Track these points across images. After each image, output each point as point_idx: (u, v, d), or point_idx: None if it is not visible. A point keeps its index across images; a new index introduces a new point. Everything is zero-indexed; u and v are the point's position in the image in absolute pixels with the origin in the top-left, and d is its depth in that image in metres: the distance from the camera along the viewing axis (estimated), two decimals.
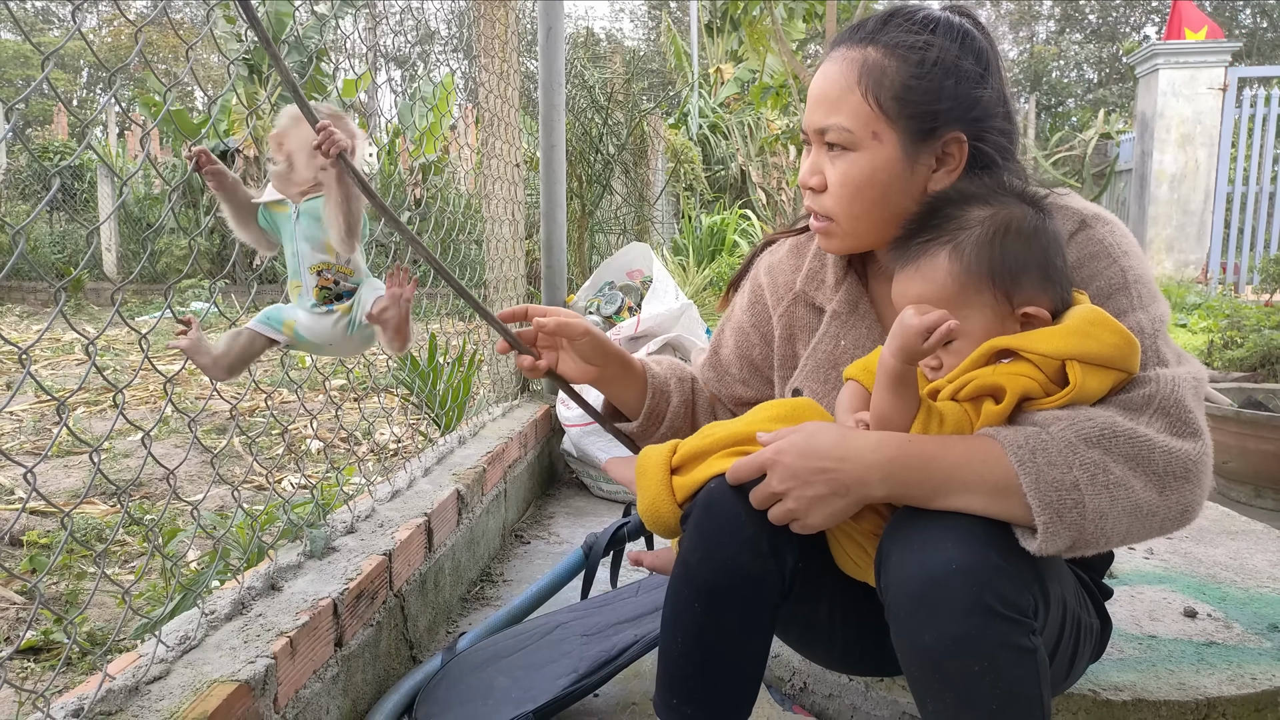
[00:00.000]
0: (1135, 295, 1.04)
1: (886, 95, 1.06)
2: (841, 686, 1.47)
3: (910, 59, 1.06)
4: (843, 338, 1.22)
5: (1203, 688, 1.35)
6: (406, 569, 1.72)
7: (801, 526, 0.98)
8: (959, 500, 0.93)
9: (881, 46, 1.08)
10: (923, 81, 1.06)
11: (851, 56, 1.09)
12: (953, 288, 0.99)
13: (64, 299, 0.99)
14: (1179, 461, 0.93)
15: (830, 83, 1.10)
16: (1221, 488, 2.96)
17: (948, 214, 1.02)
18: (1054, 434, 0.92)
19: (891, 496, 0.96)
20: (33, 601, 1.96)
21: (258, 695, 1.16)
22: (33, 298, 9.04)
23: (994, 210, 1.00)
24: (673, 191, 7.65)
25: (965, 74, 1.07)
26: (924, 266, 1.01)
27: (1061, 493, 0.90)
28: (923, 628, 0.90)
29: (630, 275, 3.68)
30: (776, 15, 5.23)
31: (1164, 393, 0.95)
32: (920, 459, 0.94)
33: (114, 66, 0.91)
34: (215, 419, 3.90)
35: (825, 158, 1.12)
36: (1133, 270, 1.05)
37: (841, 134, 1.08)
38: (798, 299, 1.28)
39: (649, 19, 24.45)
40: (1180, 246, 8.50)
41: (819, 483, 0.96)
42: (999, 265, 0.98)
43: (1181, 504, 0.94)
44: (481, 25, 2.88)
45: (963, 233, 0.99)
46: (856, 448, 0.96)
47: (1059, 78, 25.76)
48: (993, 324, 0.99)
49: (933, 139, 1.08)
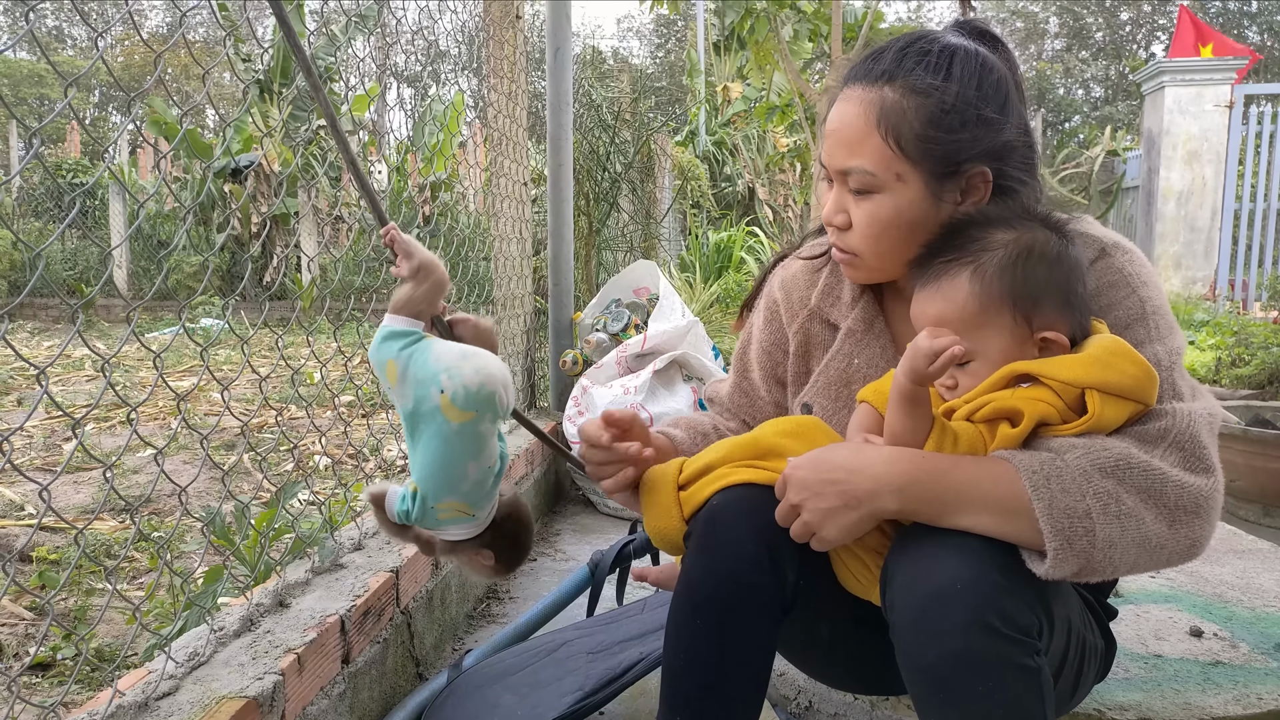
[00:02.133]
0: (1153, 326, 1.04)
1: (908, 138, 1.05)
2: (847, 705, 1.47)
3: (929, 101, 1.05)
4: (856, 356, 1.22)
5: (1208, 708, 1.34)
6: (413, 586, 1.73)
7: (819, 542, 0.99)
8: (969, 519, 0.93)
9: (899, 87, 1.06)
10: (943, 126, 1.05)
11: (869, 98, 1.07)
12: (973, 308, 0.99)
13: (80, 319, 1.00)
14: (1190, 496, 0.93)
15: (849, 124, 1.08)
16: (1229, 506, 2.95)
17: (971, 235, 1.03)
18: (1069, 461, 0.92)
19: (903, 511, 0.96)
20: (42, 617, 1.97)
21: (265, 712, 1.17)
22: (44, 314, 9.10)
23: (1018, 234, 1.01)
24: (680, 209, 7.69)
25: (984, 115, 1.06)
26: (945, 286, 1.01)
27: (1073, 520, 0.90)
28: (926, 645, 0.90)
29: (637, 292, 3.70)
30: (783, 35, 5.27)
31: (1180, 427, 0.96)
32: (934, 474, 0.95)
33: (127, 85, 0.93)
34: (224, 435, 3.92)
35: (849, 198, 1.11)
36: (1151, 301, 1.06)
37: (865, 178, 1.08)
38: (813, 315, 1.27)
39: (656, 36, 24.60)
40: (1188, 263, 8.48)
41: (830, 494, 0.96)
42: (1020, 289, 0.99)
43: (1190, 538, 0.94)
44: (490, 46, 2.91)
45: (985, 254, 1.00)
46: (869, 460, 0.97)
47: (1065, 95, 25.81)
48: (1011, 347, 1.00)
49: (957, 176, 1.08)
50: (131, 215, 9.13)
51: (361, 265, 6.52)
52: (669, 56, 12.68)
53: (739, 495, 1.04)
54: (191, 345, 6.40)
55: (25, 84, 22.32)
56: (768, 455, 1.08)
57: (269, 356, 5.91)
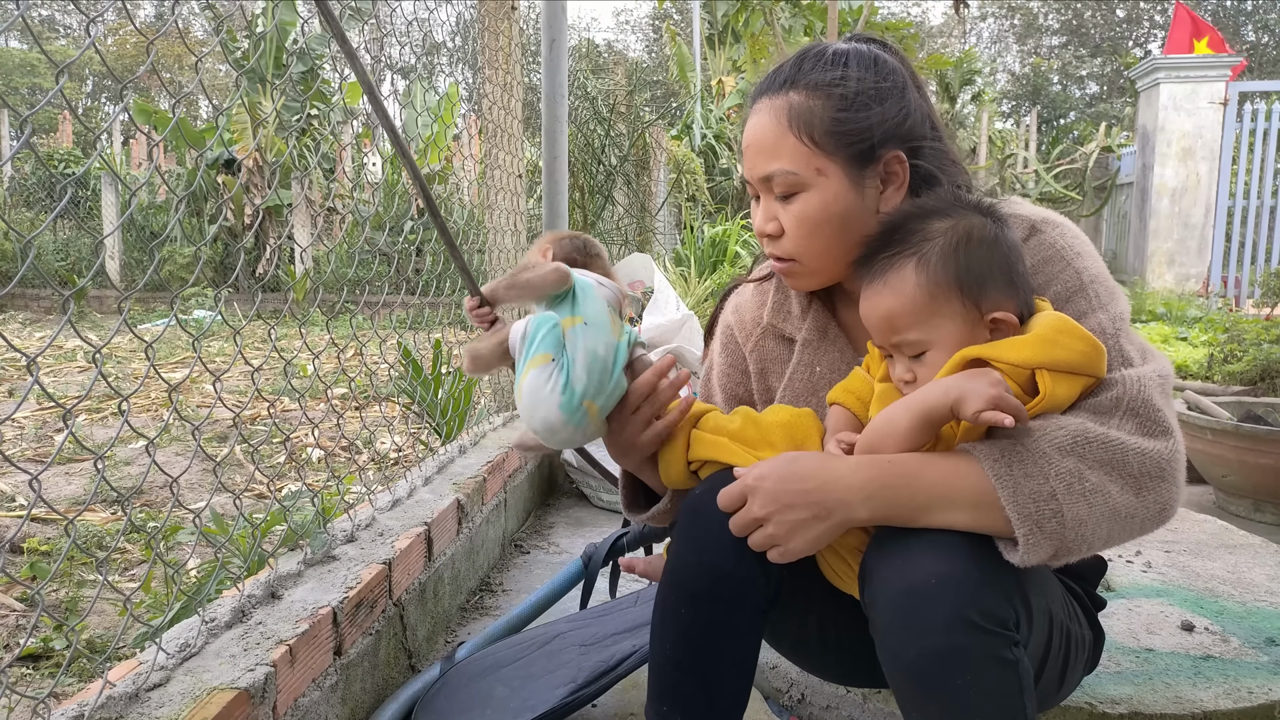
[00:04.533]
0: (1093, 295, 1.05)
1: (820, 131, 1.09)
2: (839, 698, 1.47)
3: (833, 94, 1.10)
4: (817, 364, 1.23)
5: (1199, 701, 1.35)
6: (406, 578, 1.72)
7: (781, 554, 0.98)
8: (942, 517, 0.94)
9: (802, 89, 1.11)
10: (850, 112, 1.09)
11: (776, 105, 1.12)
12: (921, 298, 1.00)
13: (71, 308, 1.00)
14: (1153, 462, 0.94)
15: (763, 132, 1.12)
16: (1220, 502, 2.97)
17: (909, 229, 1.03)
18: (1028, 445, 0.93)
19: (874, 518, 0.96)
20: (33, 609, 1.97)
21: (257, 703, 1.16)
22: (35, 305, 9.06)
23: (954, 221, 1.02)
24: (675, 202, 7.68)
25: (886, 95, 1.11)
26: (891, 280, 1.02)
27: (1040, 503, 0.91)
28: (905, 642, 0.91)
29: (632, 286, 3.70)
30: (778, 28, 5.26)
31: (1131, 394, 0.96)
32: (903, 478, 0.95)
33: (120, 75, 0.92)
34: (216, 427, 3.91)
35: (776, 205, 1.14)
36: (1088, 271, 1.07)
37: (787, 178, 1.11)
38: (766, 332, 1.29)
39: (651, 30, 24.56)
40: (1181, 260, 8.51)
41: (800, 506, 0.96)
42: (965, 273, 0.99)
43: (1159, 503, 0.95)
44: (486, 37, 2.90)
45: (926, 244, 1.01)
46: (838, 470, 0.97)
47: (1060, 92, 25.84)
48: (964, 332, 1.00)
49: (874, 162, 1.11)
50: (124, 205, 9.09)
51: (354, 257, 6.51)
52: (664, 50, 12.65)
53: (723, 485, 1.04)
54: (184, 337, 6.37)
55: (17, 73, 22.19)
56: (759, 443, 1.09)
57: (262, 349, 5.88)
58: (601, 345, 1.12)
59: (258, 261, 9.30)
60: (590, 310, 1.14)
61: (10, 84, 21.38)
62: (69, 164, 10.84)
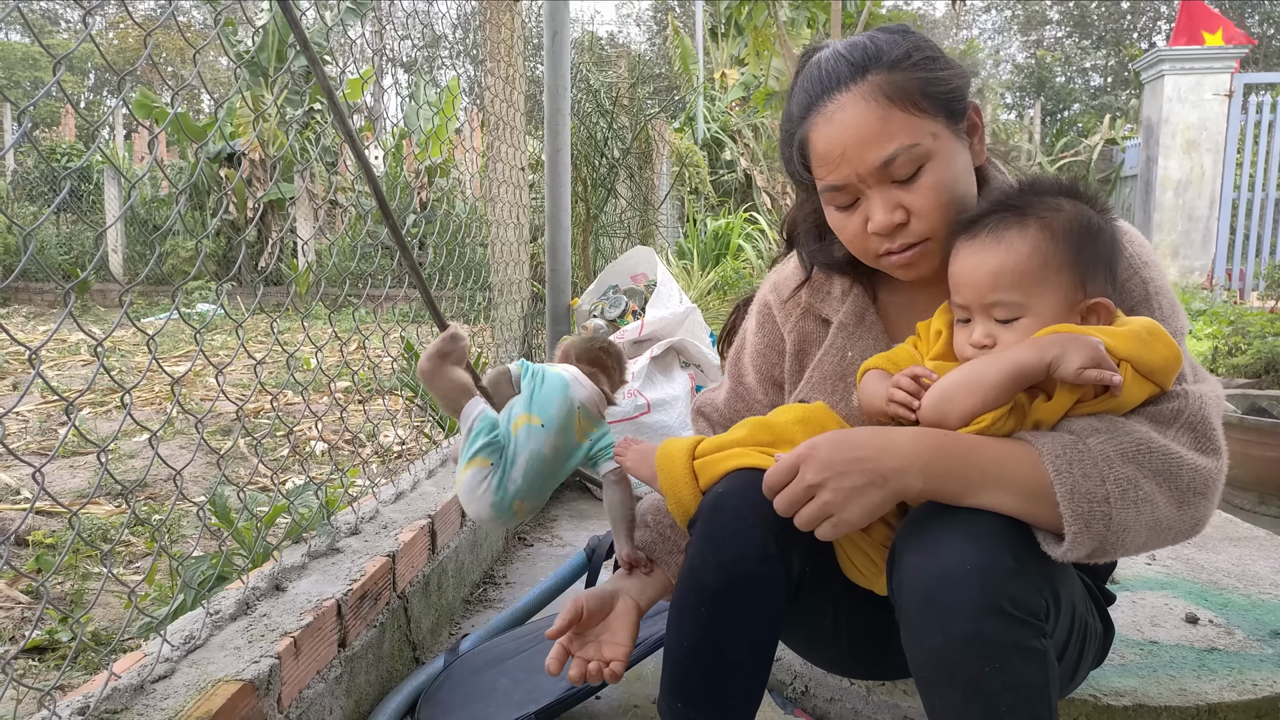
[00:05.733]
0: (1157, 306, 1.05)
1: (919, 97, 1.05)
2: (843, 690, 1.47)
3: (910, 62, 1.06)
4: (849, 349, 1.21)
5: (1204, 694, 1.35)
6: (410, 570, 1.73)
7: (835, 524, 0.94)
8: (991, 498, 0.93)
9: (879, 72, 1.05)
10: (933, 72, 1.07)
11: (862, 91, 1.05)
12: (1036, 262, 0.98)
13: (73, 300, 0.99)
14: (1200, 478, 0.94)
15: (863, 120, 1.05)
16: (1225, 494, 2.96)
17: (1030, 200, 1.02)
18: (1091, 446, 0.92)
19: (926, 490, 0.95)
20: (38, 601, 1.97)
21: (261, 695, 1.16)
22: (39, 299, 9.07)
23: (1077, 203, 1.02)
24: (677, 195, 7.66)
25: (940, 54, 1.09)
26: (1010, 238, 1.00)
27: (1093, 505, 0.91)
28: (933, 627, 0.90)
29: (635, 279, 3.69)
30: (781, 21, 5.24)
31: (1192, 409, 0.97)
32: (959, 452, 0.94)
33: (121, 69, 0.92)
34: (220, 420, 3.91)
35: (894, 191, 1.06)
36: (1154, 282, 1.06)
37: (911, 152, 1.04)
38: (806, 311, 1.27)
39: (654, 23, 24.49)
40: (1185, 252, 8.48)
41: (856, 473, 0.94)
42: (1083, 252, 0.99)
43: (1195, 518, 0.96)
44: (487, 30, 2.89)
45: (1052, 215, 1.00)
46: (894, 439, 0.96)
47: (1065, 83, 25.74)
48: (1062, 308, 0.99)
49: (963, 116, 1.09)
50: (125, 198, 9.09)
51: (357, 250, 6.51)
52: (667, 43, 12.63)
53: (745, 482, 1.03)
54: (187, 330, 6.38)
55: (19, 67, 22.18)
56: (777, 442, 1.07)
57: (265, 342, 5.89)
58: (549, 448, 1.17)
59: (260, 255, 9.30)
60: (549, 413, 1.18)
61: (13, 78, 21.38)
62: (71, 158, 10.84)
